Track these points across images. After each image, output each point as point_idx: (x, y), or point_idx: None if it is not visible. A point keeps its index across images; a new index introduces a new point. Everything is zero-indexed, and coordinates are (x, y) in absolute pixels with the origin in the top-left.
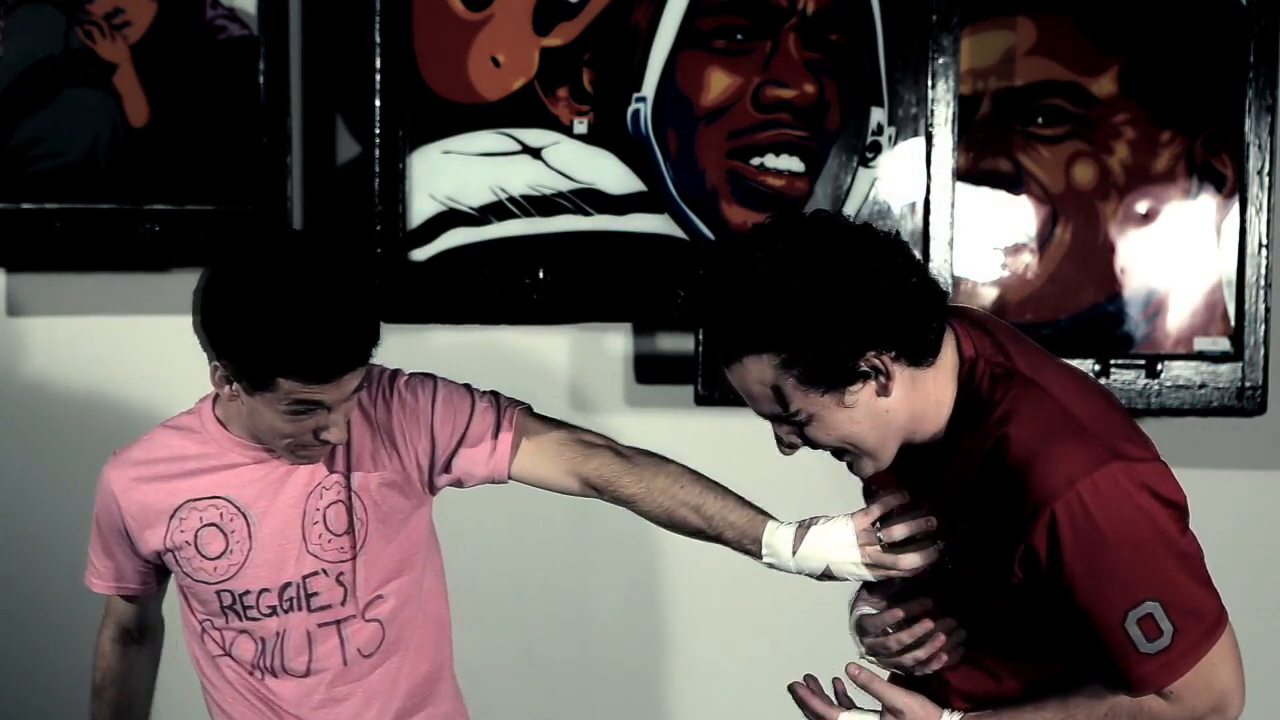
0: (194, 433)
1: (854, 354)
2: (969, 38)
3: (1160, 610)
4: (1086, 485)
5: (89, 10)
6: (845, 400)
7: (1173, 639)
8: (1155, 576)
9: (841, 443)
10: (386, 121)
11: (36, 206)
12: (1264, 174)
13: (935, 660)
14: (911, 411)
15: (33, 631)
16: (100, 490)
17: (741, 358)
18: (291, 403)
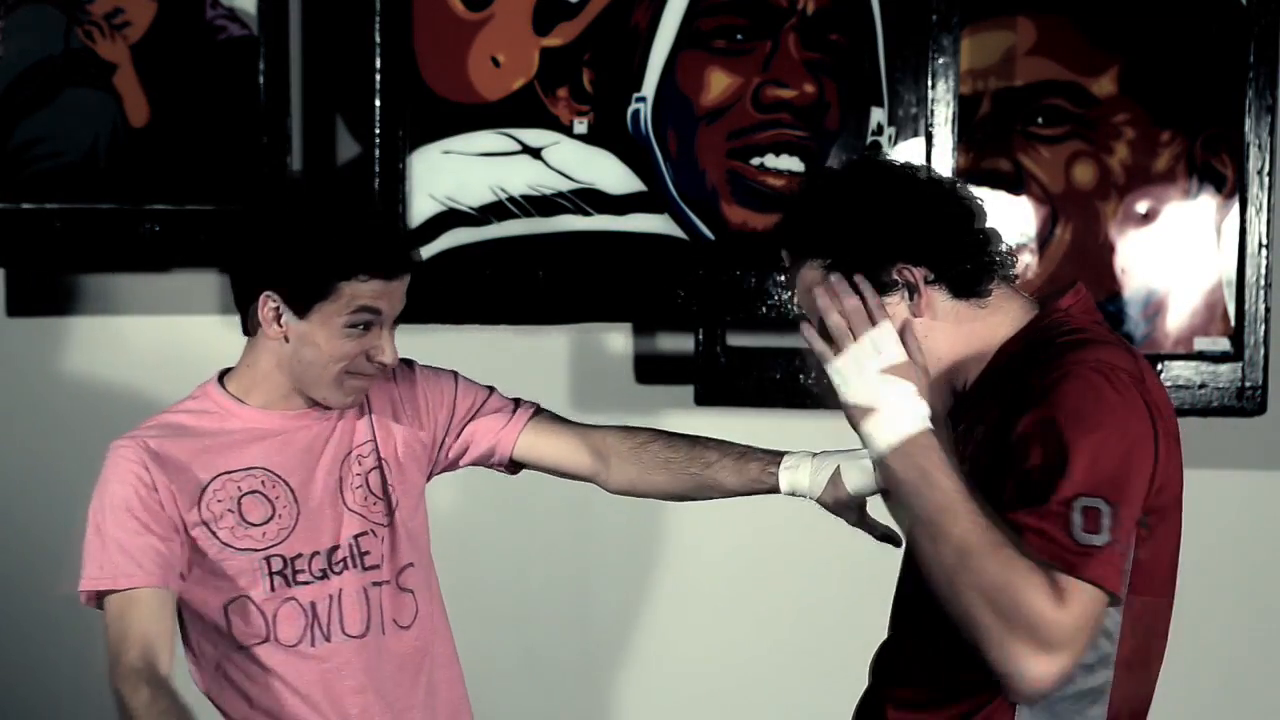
0: (207, 413)
1: (885, 260)
2: (969, 38)
3: (1110, 516)
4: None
5: (89, 10)
6: (885, 310)
7: (1105, 545)
8: (1130, 489)
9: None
10: (386, 121)
11: (36, 206)
12: (1264, 174)
13: None
14: (954, 347)
15: (32, 632)
16: (119, 469)
17: (799, 267)
18: (353, 311)
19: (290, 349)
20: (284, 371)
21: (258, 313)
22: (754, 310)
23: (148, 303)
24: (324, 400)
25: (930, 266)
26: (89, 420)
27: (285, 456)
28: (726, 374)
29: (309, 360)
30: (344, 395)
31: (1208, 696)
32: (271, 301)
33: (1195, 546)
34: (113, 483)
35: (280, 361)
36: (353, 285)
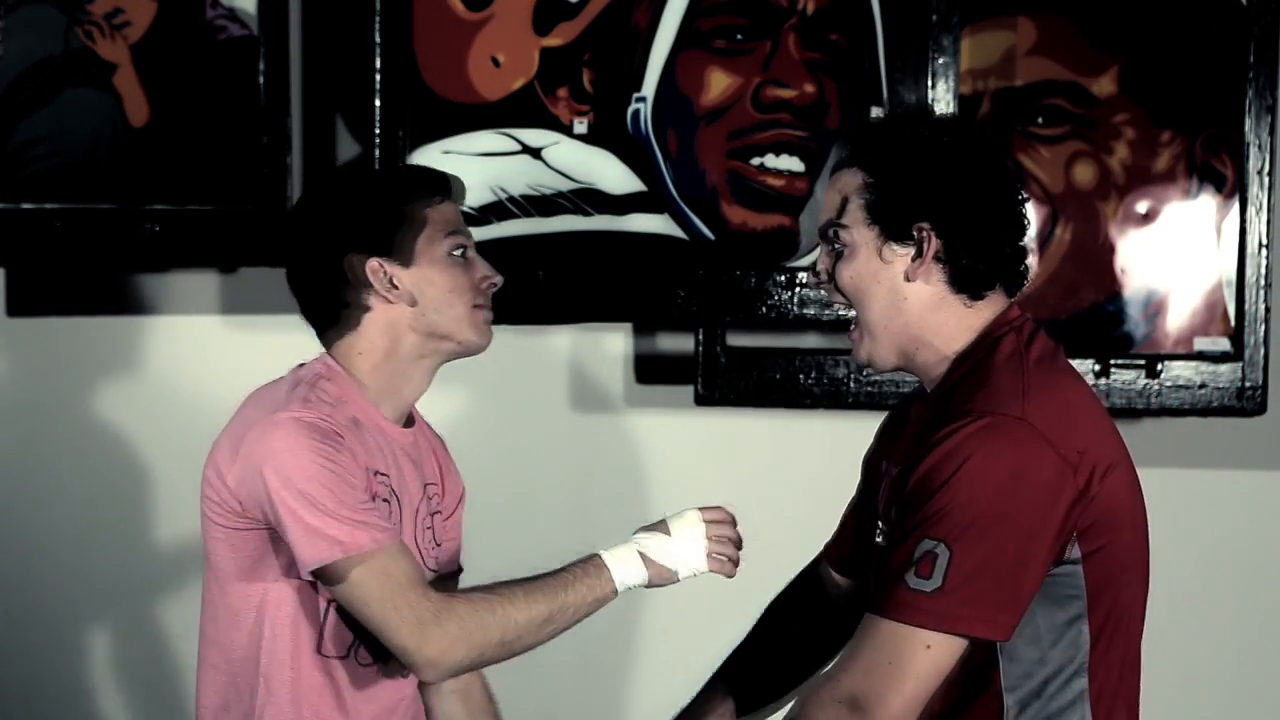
0: (344, 403)
1: (921, 214)
2: (969, 38)
3: (944, 560)
4: (971, 423)
5: (89, 10)
6: (884, 253)
7: (933, 592)
8: (971, 533)
9: (855, 294)
10: (386, 121)
11: (36, 206)
12: (1264, 174)
13: None
14: (923, 322)
15: (32, 632)
16: (313, 442)
17: (849, 165)
18: (448, 235)
19: (413, 308)
20: (410, 338)
21: (369, 288)
22: (754, 310)
23: (148, 303)
24: (464, 342)
25: (949, 246)
26: (89, 420)
27: (397, 469)
28: (726, 374)
29: (436, 301)
30: (480, 331)
31: (1208, 696)
32: (380, 265)
33: (1195, 546)
34: (313, 453)
35: (403, 328)
36: (435, 209)
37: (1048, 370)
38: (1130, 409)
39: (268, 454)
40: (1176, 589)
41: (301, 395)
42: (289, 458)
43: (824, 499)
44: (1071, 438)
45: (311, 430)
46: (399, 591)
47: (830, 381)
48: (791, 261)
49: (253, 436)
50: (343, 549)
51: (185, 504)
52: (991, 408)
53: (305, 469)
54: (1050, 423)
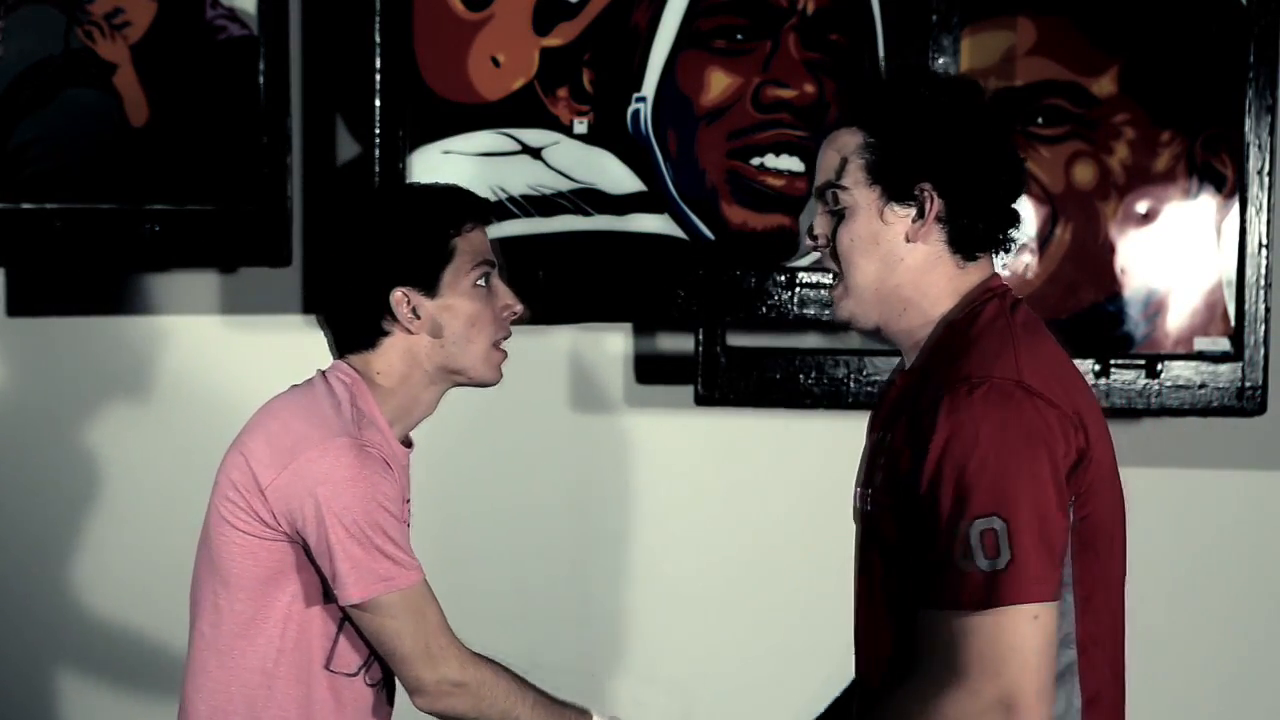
0: (377, 430)
1: (923, 174)
2: (969, 38)
3: (1005, 532)
4: (972, 390)
5: (89, 10)
6: (885, 214)
7: (1008, 566)
8: (1015, 498)
9: (850, 255)
10: (386, 121)
11: (36, 206)
12: (1264, 174)
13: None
14: (915, 283)
15: (30, 632)
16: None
17: (846, 124)
18: (475, 266)
19: (432, 338)
20: (423, 370)
21: (393, 317)
22: (754, 310)
23: (148, 303)
24: (477, 375)
25: (951, 206)
26: (89, 420)
27: (401, 494)
28: (726, 374)
29: (456, 333)
30: (494, 371)
31: (1208, 696)
32: (405, 296)
33: (1195, 546)
34: (375, 486)
35: (419, 359)
36: (464, 239)
37: (1034, 334)
38: (1130, 409)
39: (326, 479)
40: (1176, 589)
41: (353, 418)
42: (348, 489)
43: (824, 499)
44: (1068, 398)
45: (369, 461)
46: (433, 634)
47: (830, 381)
48: (791, 261)
49: (311, 456)
50: (386, 586)
51: (185, 504)
52: (989, 372)
53: (363, 503)
54: (1047, 384)
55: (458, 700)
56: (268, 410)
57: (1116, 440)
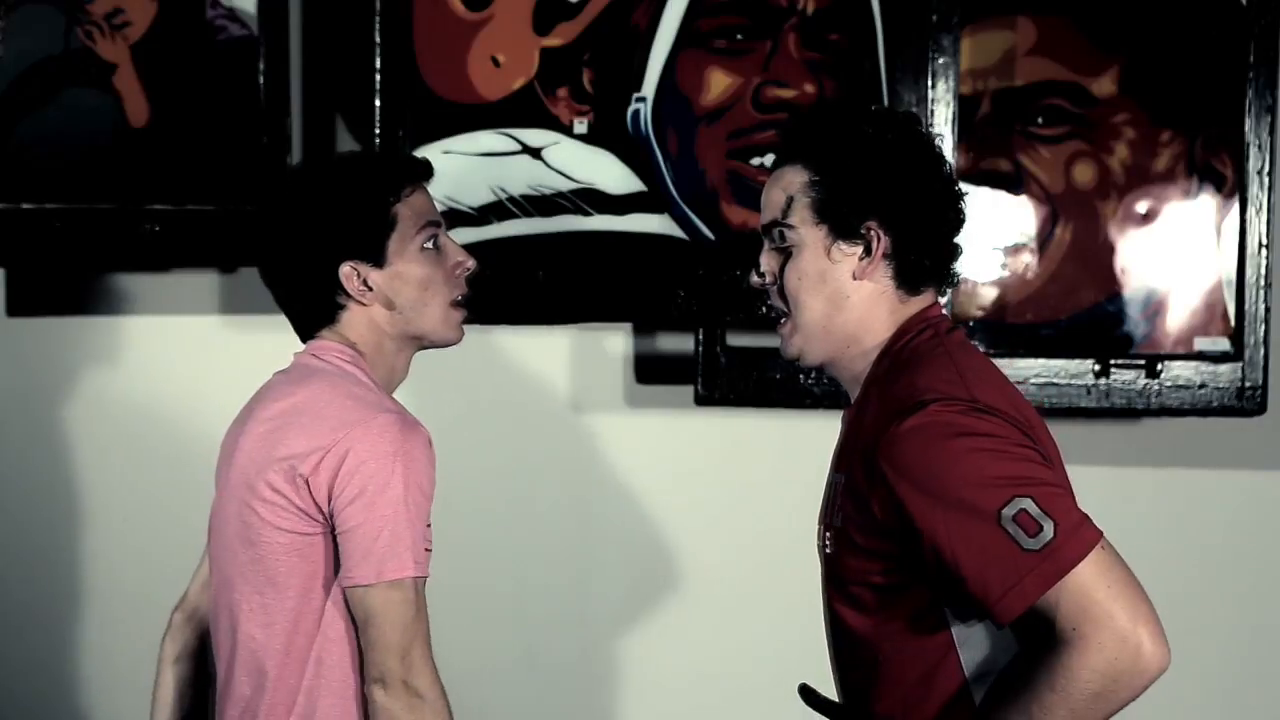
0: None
1: (869, 211)
2: (969, 38)
3: (1034, 504)
4: (925, 409)
5: (89, 10)
6: (831, 252)
7: (1055, 530)
8: (1015, 474)
9: (798, 293)
10: (386, 121)
11: (36, 206)
12: (1264, 174)
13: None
14: (860, 320)
15: (30, 633)
16: (424, 457)
17: (790, 161)
18: (419, 229)
19: (387, 308)
20: (387, 339)
21: (345, 291)
22: (754, 310)
23: (148, 303)
24: (439, 338)
25: (897, 243)
26: (89, 420)
27: None
28: (726, 374)
29: (410, 300)
30: (454, 329)
31: (1208, 696)
32: (354, 270)
33: (1195, 546)
34: (422, 468)
35: (382, 328)
36: (404, 204)
37: (970, 353)
38: (1130, 409)
39: (372, 454)
40: (1176, 589)
41: (381, 396)
42: (392, 465)
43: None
44: (1016, 410)
45: (416, 437)
46: (419, 636)
47: (830, 381)
48: None
49: (356, 434)
50: (404, 571)
51: (185, 504)
52: (941, 391)
53: (404, 482)
54: (993, 397)
55: (409, 710)
56: (290, 405)
57: (1117, 440)
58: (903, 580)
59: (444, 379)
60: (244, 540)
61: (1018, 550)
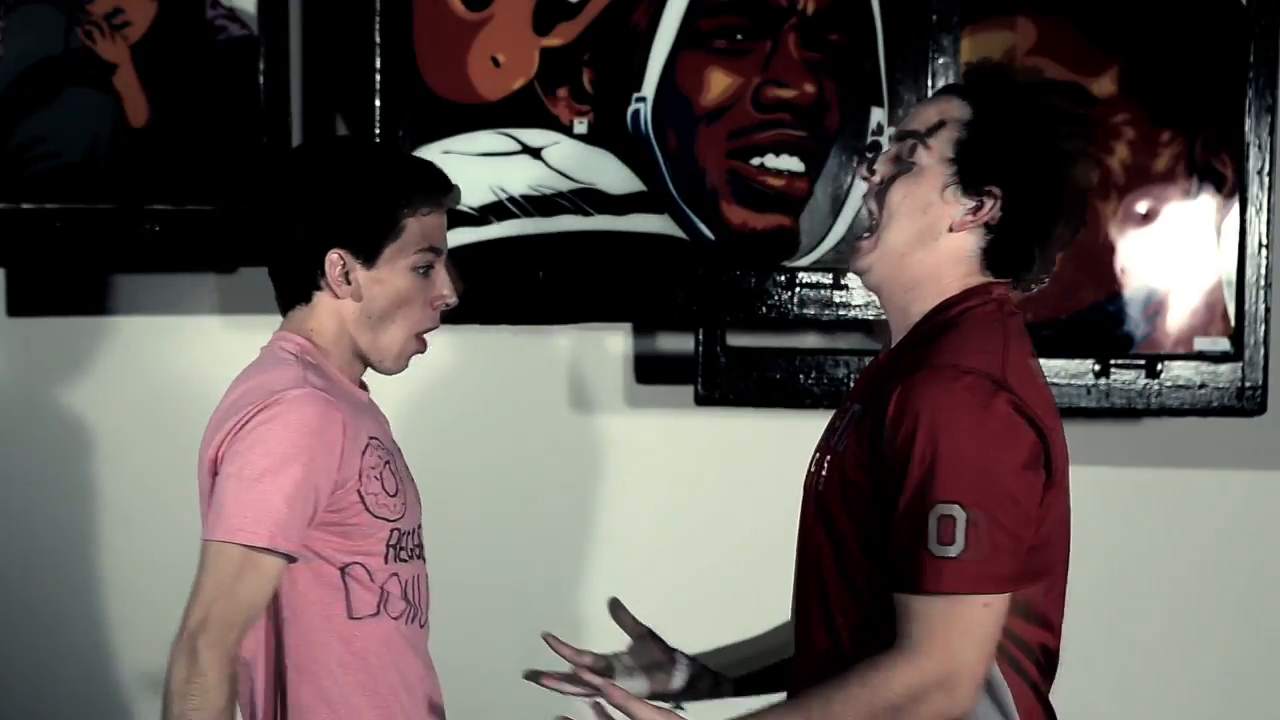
0: (328, 377)
1: (996, 175)
2: (969, 38)
3: (964, 524)
4: (958, 378)
5: (89, 10)
6: (945, 193)
7: (961, 555)
8: (982, 486)
9: (892, 210)
10: (386, 121)
11: (36, 206)
12: (1264, 174)
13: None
14: (935, 269)
15: (31, 633)
16: (320, 416)
17: (962, 95)
18: (419, 251)
19: (360, 306)
20: (349, 335)
21: (325, 276)
22: (754, 310)
23: (148, 303)
24: (381, 361)
25: (1005, 221)
26: (89, 420)
27: (383, 430)
28: (726, 374)
29: (380, 310)
30: (404, 358)
31: (1207, 696)
32: (341, 258)
33: (1195, 546)
34: (297, 434)
35: (346, 323)
36: (417, 219)
37: (1021, 341)
38: (1130, 409)
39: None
40: (1176, 589)
41: (302, 370)
42: (300, 437)
43: None
44: (1040, 404)
45: (317, 417)
46: (235, 603)
47: (830, 381)
48: (791, 261)
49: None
50: (253, 538)
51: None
52: (975, 365)
53: (306, 457)
54: (1026, 393)
55: (185, 673)
56: (228, 401)
57: (1117, 440)
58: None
59: (444, 379)
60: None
61: (921, 544)
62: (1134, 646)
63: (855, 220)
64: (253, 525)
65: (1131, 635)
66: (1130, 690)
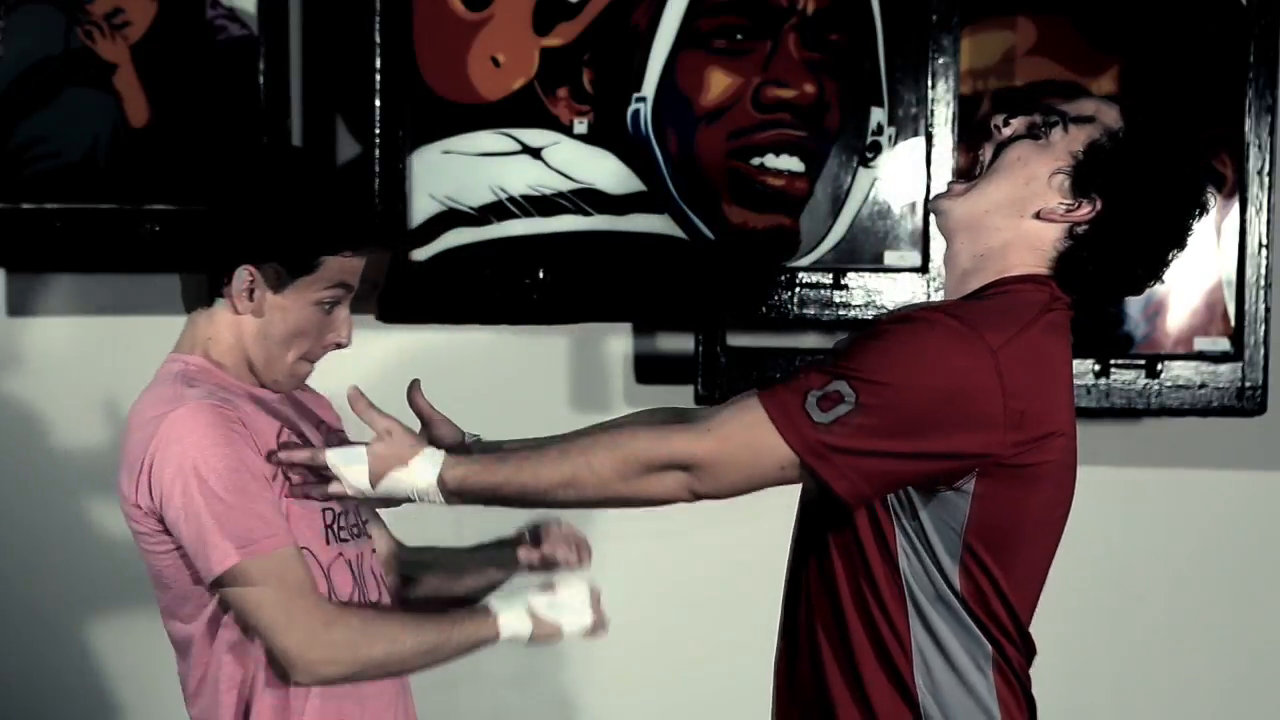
0: (213, 373)
1: (1107, 187)
2: (969, 38)
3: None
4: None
5: (89, 10)
6: (1053, 179)
7: (817, 422)
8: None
9: (1006, 168)
10: (386, 121)
11: (36, 206)
12: (1264, 174)
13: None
14: (1007, 246)
15: (30, 633)
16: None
17: (1121, 104)
18: (329, 286)
19: (258, 324)
20: (244, 348)
21: (229, 286)
22: (754, 310)
23: (148, 303)
24: (272, 379)
25: (1089, 233)
26: (89, 421)
27: (307, 417)
28: (726, 374)
29: (275, 335)
30: (293, 378)
31: (1207, 696)
32: (249, 276)
33: (1194, 546)
34: (210, 446)
35: (242, 336)
36: (337, 260)
37: (1054, 330)
38: (1130, 409)
39: (170, 455)
40: (1176, 589)
41: (186, 387)
42: (194, 453)
43: None
44: (1023, 395)
45: (215, 416)
46: (293, 597)
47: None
48: (791, 261)
49: (158, 441)
50: (241, 554)
51: None
52: (977, 325)
53: (211, 465)
54: (1015, 367)
55: (333, 664)
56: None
57: (1117, 440)
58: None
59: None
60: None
61: (801, 388)
62: (1133, 646)
63: (854, 221)
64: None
65: (1131, 634)
66: (1130, 690)
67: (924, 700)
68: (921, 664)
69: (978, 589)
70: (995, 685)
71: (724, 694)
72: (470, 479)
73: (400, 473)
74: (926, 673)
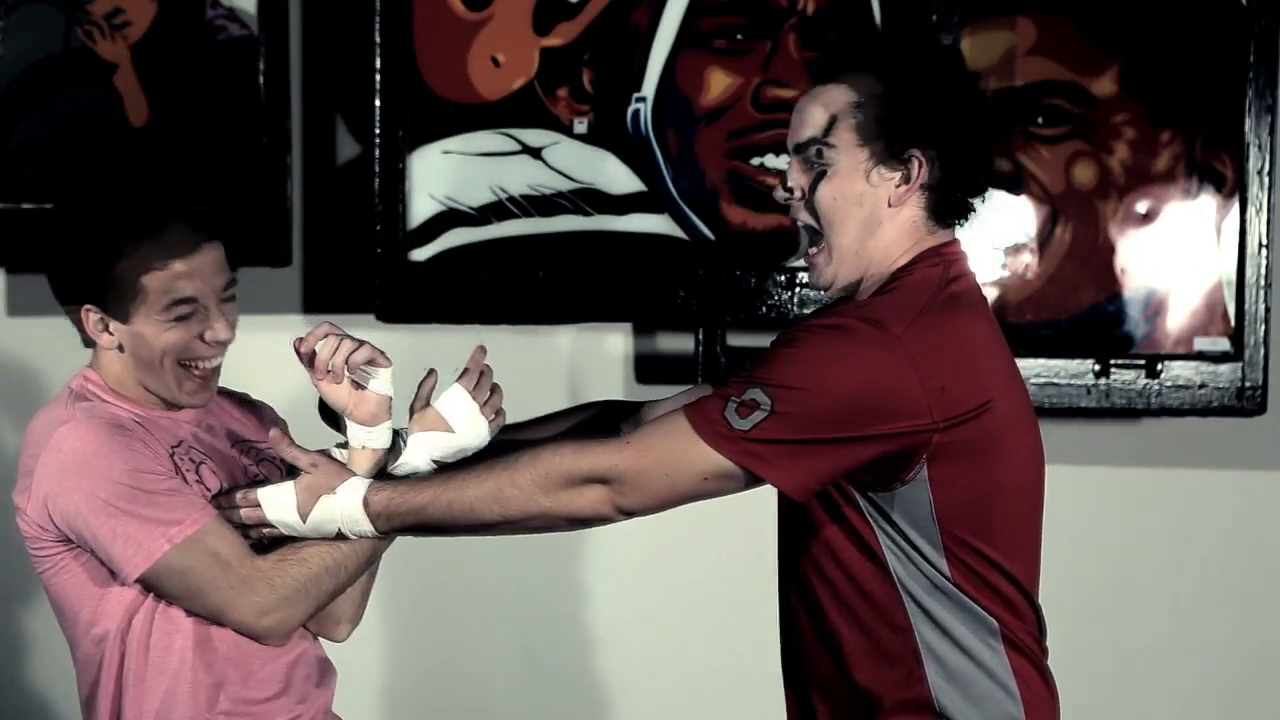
0: (109, 404)
1: (911, 137)
2: (969, 38)
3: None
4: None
5: (89, 10)
6: (871, 177)
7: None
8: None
9: (831, 215)
10: (386, 121)
11: (36, 206)
12: (1264, 174)
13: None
14: (887, 248)
15: (30, 633)
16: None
17: (835, 80)
18: (167, 305)
19: (129, 350)
20: (133, 375)
21: (85, 327)
22: (754, 310)
23: None
24: (173, 397)
25: (938, 174)
26: None
27: (204, 439)
28: (726, 374)
29: (147, 358)
30: (189, 391)
31: (1207, 696)
32: (93, 314)
33: (1195, 546)
34: (110, 453)
35: (124, 365)
36: (155, 277)
37: (956, 303)
38: (1130, 409)
39: (65, 466)
40: (1176, 589)
41: (77, 402)
42: (85, 468)
43: None
44: (938, 373)
45: (101, 424)
46: (230, 568)
47: None
48: (791, 261)
49: (43, 460)
50: (169, 540)
51: None
52: (881, 319)
53: (106, 475)
54: (924, 349)
55: (292, 614)
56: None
57: (1116, 440)
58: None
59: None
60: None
61: (724, 398)
62: (1134, 645)
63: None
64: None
65: (1132, 634)
66: (1130, 690)
67: (939, 697)
68: (933, 659)
69: (970, 570)
70: (1009, 660)
71: (724, 694)
72: (395, 500)
73: (328, 499)
74: (940, 666)
